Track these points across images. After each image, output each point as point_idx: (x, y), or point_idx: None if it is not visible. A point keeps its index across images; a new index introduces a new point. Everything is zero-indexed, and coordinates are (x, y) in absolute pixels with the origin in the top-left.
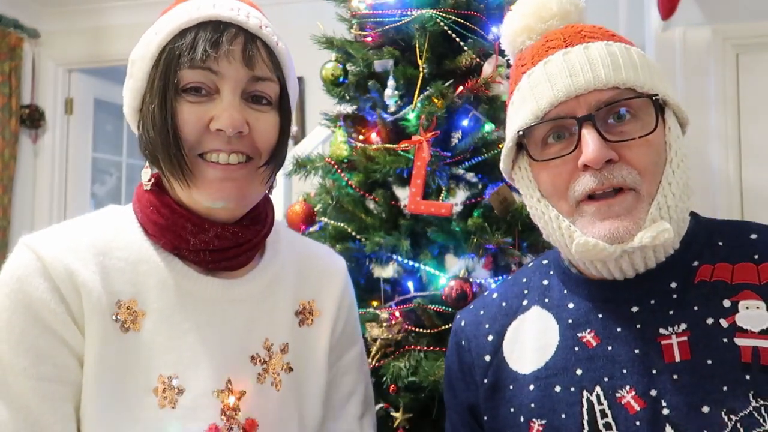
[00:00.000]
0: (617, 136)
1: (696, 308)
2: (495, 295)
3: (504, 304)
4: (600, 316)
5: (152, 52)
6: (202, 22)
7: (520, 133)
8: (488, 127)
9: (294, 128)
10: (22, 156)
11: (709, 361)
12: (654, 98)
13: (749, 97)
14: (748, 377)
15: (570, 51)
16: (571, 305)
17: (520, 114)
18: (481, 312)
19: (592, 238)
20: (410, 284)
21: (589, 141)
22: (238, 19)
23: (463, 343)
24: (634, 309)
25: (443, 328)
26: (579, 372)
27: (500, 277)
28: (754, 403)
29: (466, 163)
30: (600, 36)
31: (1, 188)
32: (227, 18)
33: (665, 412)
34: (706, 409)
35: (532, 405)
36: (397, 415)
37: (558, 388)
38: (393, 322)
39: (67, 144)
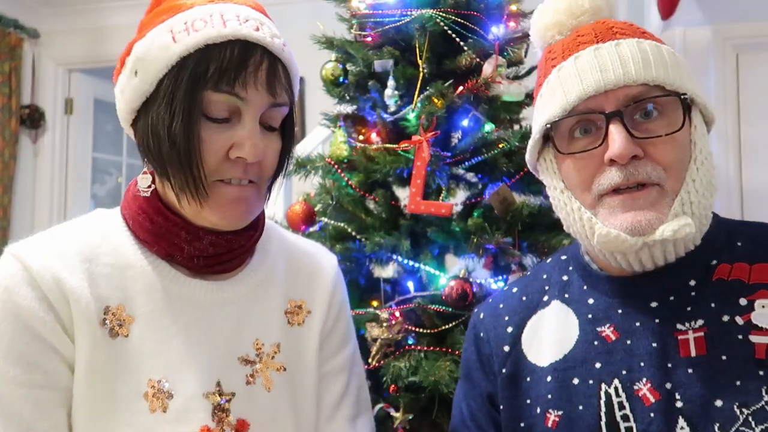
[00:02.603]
0: (644, 132)
1: (713, 305)
2: (515, 290)
3: (524, 298)
4: (620, 311)
5: (169, 59)
6: (229, 40)
7: (548, 126)
8: (488, 127)
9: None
10: (22, 156)
11: (724, 357)
12: (682, 97)
13: (749, 97)
14: (761, 373)
15: (601, 47)
16: (591, 301)
17: (548, 107)
18: (501, 305)
19: (614, 229)
20: (410, 284)
21: (616, 137)
22: (265, 41)
23: (481, 335)
24: (654, 305)
25: (443, 328)
26: (598, 365)
27: (500, 277)
28: (766, 398)
29: (466, 163)
30: (631, 33)
31: (1, 188)
32: (254, 39)
33: (679, 404)
34: (719, 403)
35: (549, 396)
36: (397, 415)
37: (576, 381)
38: (393, 322)
39: (67, 144)
